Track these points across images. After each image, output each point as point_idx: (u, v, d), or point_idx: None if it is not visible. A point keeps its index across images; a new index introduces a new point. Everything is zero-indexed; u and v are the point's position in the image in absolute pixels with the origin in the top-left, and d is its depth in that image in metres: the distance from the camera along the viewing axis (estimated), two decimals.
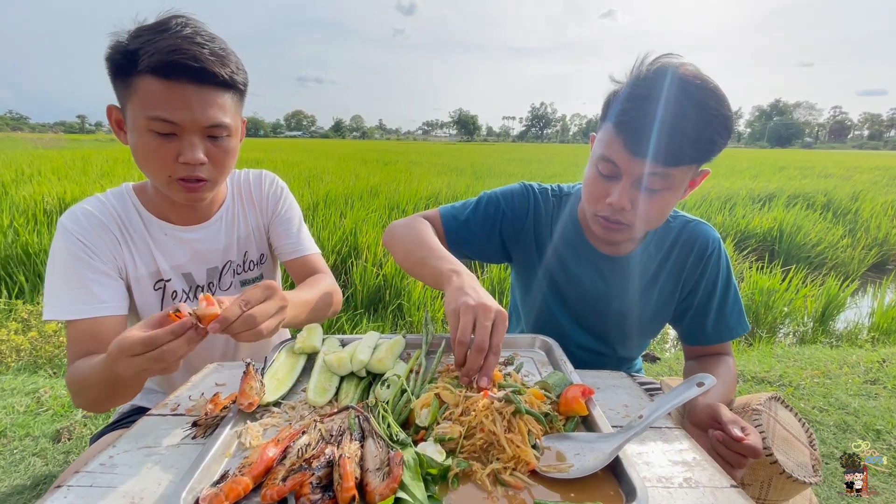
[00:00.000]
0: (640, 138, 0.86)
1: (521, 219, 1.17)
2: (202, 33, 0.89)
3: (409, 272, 1.06)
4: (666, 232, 1.11)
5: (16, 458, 1.55)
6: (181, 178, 0.93)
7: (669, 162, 0.87)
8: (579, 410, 0.75)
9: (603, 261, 1.12)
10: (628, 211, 0.93)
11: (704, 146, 0.87)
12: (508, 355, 0.99)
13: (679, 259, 1.11)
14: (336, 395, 0.82)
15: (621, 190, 0.92)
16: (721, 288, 1.10)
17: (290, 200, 1.26)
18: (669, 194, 0.93)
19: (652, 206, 0.93)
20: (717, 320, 1.11)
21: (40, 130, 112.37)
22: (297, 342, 0.93)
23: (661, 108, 0.84)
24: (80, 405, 0.90)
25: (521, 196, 1.18)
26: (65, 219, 0.98)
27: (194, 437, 0.72)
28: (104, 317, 0.93)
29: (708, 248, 1.09)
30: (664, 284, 1.12)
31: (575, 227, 1.14)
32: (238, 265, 1.18)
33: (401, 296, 3.79)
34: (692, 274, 1.10)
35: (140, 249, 1.04)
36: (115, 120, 0.96)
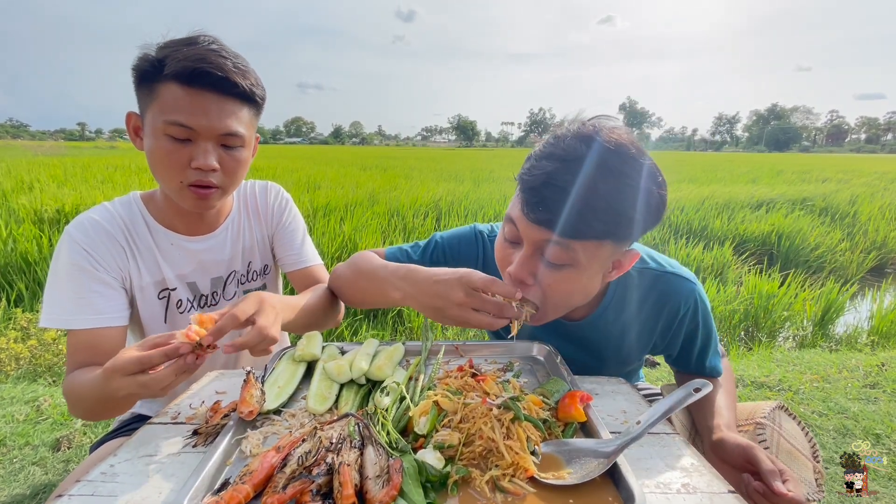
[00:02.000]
0: (542, 201, 0.74)
1: (469, 266, 1.01)
2: (227, 49, 0.94)
3: (362, 306, 1.04)
4: (628, 289, 0.98)
5: (15, 468, 1.54)
6: (192, 184, 0.94)
7: (569, 233, 0.74)
8: (578, 417, 0.75)
9: (558, 324, 1.00)
10: (532, 287, 0.81)
11: (615, 220, 0.74)
12: (507, 362, 1.00)
13: (649, 318, 1.00)
14: (336, 402, 0.83)
15: (520, 259, 0.80)
16: (701, 340, 1.02)
17: (294, 212, 1.28)
18: (574, 273, 0.78)
19: (555, 284, 0.80)
20: (699, 362, 1.05)
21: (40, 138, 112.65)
22: (298, 350, 0.93)
23: (569, 172, 0.72)
24: (77, 415, 0.91)
25: (469, 242, 1.08)
26: (71, 227, 0.99)
27: (195, 446, 0.72)
28: (103, 328, 0.94)
29: (681, 307, 0.97)
30: (632, 345, 1.04)
31: None
32: (242, 275, 1.19)
33: None
34: (665, 333, 1.02)
35: (145, 258, 1.05)
36: (133, 126, 0.98)
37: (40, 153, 19.06)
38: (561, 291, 0.81)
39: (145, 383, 0.68)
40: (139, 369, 0.67)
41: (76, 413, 0.91)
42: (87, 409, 0.88)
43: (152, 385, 0.68)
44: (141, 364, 0.67)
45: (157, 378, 0.68)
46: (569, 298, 0.84)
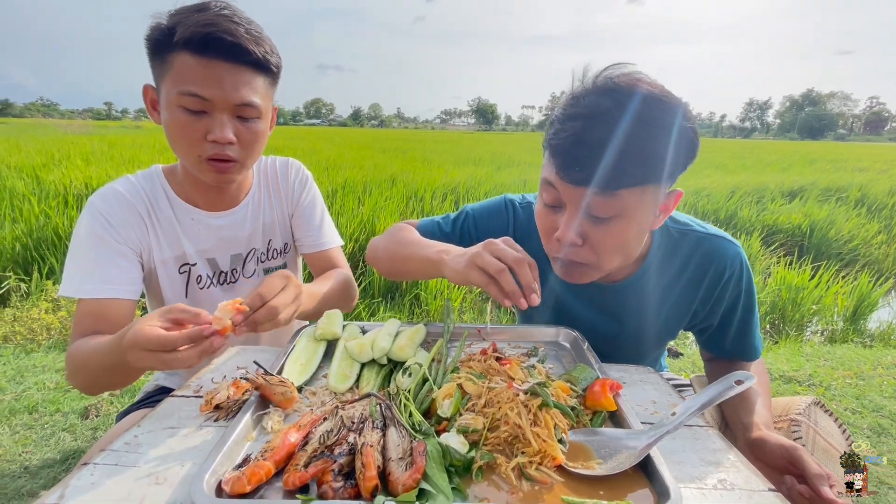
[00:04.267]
0: (576, 161, 0.74)
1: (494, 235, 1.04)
2: (239, 14, 0.90)
3: (399, 275, 1.02)
4: (672, 249, 0.96)
5: (46, 433, 1.61)
6: (210, 157, 0.93)
7: (610, 185, 0.73)
8: (607, 405, 0.72)
9: (594, 289, 0.98)
10: (581, 248, 0.81)
11: (652, 162, 0.74)
12: (531, 347, 0.97)
13: (692, 282, 0.96)
14: (357, 381, 0.81)
15: (566, 221, 0.79)
16: (742, 311, 0.98)
17: (313, 191, 1.25)
18: (623, 223, 0.78)
19: (607, 238, 0.79)
20: (736, 341, 1.01)
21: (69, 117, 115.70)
22: (318, 328, 0.92)
23: (598, 126, 0.72)
24: (75, 384, 0.90)
25: (499, 213, 1.07)
26: (94, 197, 0.99)
27: (216, 420, 0.72)
28: (112, 298, 0.93)
29: (726, 270, 0.94)
30: (672, 311, 1.00)
31: None
32: (262, 253, 1.18)
33: (418, 285, 3.79)
34: (707, 298, 0.97)
35: (166, 232, 1.05)
36: (150, 100, 0.97)
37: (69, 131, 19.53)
38: (613, 245, 0.81)
39: (167, 362, 0.67)
40: (161, 349, 0.66)
41: (75, 381, 0.89)
42: (88, 379, 0.87)
43: (175, 365, 0.67)
44: (164, 345, 0.66)
45: (180, 359, 0.67)
46: (622, 249, 0.83)
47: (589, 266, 0.84)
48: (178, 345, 0.66)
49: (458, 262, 0.79)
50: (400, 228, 1.06)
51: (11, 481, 1.34)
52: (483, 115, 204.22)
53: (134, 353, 0.67)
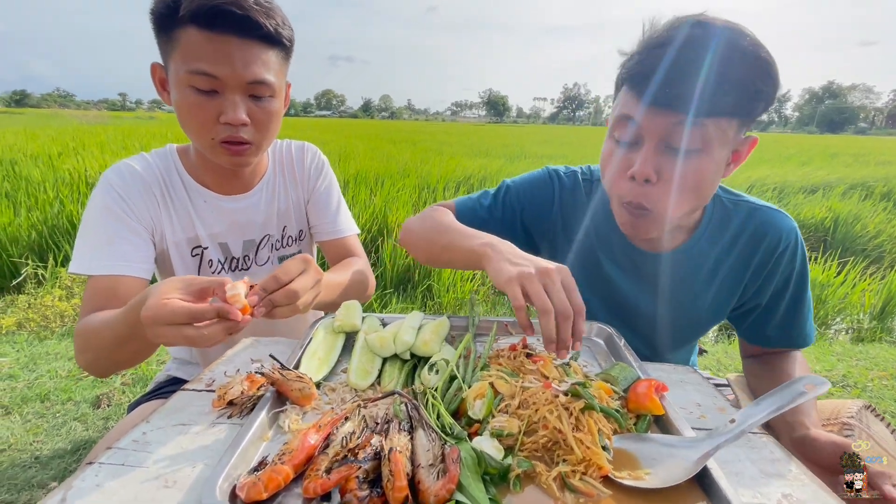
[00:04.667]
0: (665, 85, 0.71)
1: (545, 210, 1.02)
2: None
3: (437, 262, 0.95)
4: (724, 220, 0.93)
5: (58, 422, 1.59)
6: (224, 140, 0.87)
7: (700, 112, 0.70)
8: (653, 409, 0.66)
9: (643, 259, 0.95)
10: (654, 187, 0.77)
11: (744, 93, 0.71)
12: None
13: (743, 254, 0.92)
14: (378, 377, 0.76)
15: (645, 154, 0.75)
16: (794, 288, 0.93)
17: (329, 177, 1.20)
18: (706, 159, 0.74)
19: (684, 174, 0.75)
20: (785, 325, 0.94)
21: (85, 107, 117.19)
22: (336, 320, 0.86)
23: (689, 50, 0.70)
24: (83, 364, 0.84)
25: (543, 184, 1.03)
26: (109, 172, 0.95)
27: (230, 417, 0.67)
28: (124, 276, 0.89)
29: (780, 242, 0.90)
30: (722, 285, 0.94)
31: (607, 217, 0.95)
32: (276, 240, 1.13)
33: (430, 276, 3.73)
34: (759, 272, 0.92)
35: (179, 213, 1.00)
36: (159, 79, 0.92)
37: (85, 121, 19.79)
38: (688, 183, 0.77)
39: (192, 338, 0.60)
40: (188, 321, 0.60)
41: (83, 360, 0.83)
42: (97, 354, 0.80)
43: (200, 341, 0.61)
44: (192, 317, 0.60)
45: (206, 335, 0.61)
46: (696, 190, 0.79)
47: (655, 214, 0.80)
48: (207, 318, 0.61)
49: (504, 266, 0.70)
50: (436, 210, 0.99)
51: (22, 471, 1.33)
52: (494, 106, 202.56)
53: (155, 328, 0.61)
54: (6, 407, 1.64)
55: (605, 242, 0.98)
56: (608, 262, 0.98)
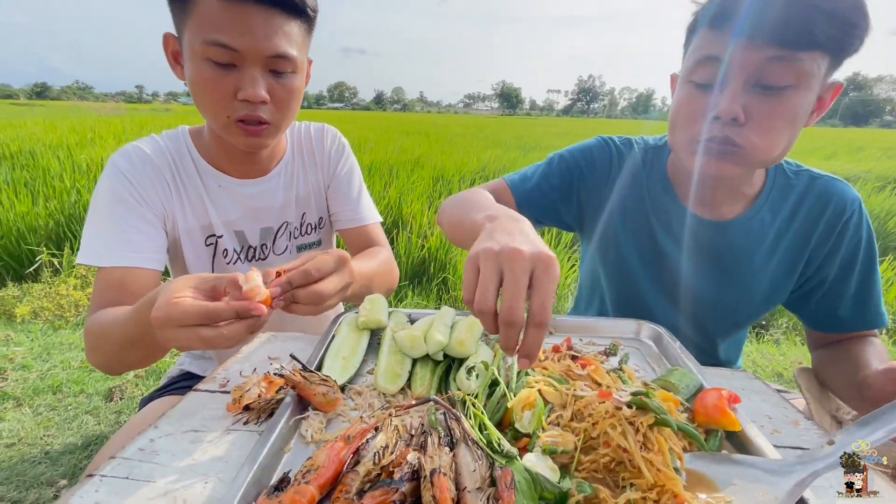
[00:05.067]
0: (754, 16, 0.67)
1: (601, 177, 0.98)
2: None
3: (456, 241, 0.84)
4: (785, 189, 0.89)
5: (70, 415, 1.56)
6: (241, 119, 0.80)
7: (799, 43, 0.66)
8: (728, 424, 0.57)
9: (701, 228, 0.89)
10: (742, 127, 0.72)
11: (839, 26, 0.66)
12: (608, 343, 0.82)
13: (804, 226, 0.87)
14: (408, 380, 0.68)
15: (732, 92, 0.70)
16: (863, 262, 0.87)
17: (351, 161, 1.12)
18: (797, 96, 0.70)
19: (775, 112, 0.70)
20: (857, 303, 0.87)
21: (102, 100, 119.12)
22: (360, 315, 0.79)
23: None
24: (94, 363, 0.78)
25: (600, 150, 0.99)
26: (116, 156, 0.89)
27: (246, 423, 0.60)
28: (137, 268, 0.82)
29: (845, 210, 0.85)
30: (782, 259, 0.89)
31: (664, 185, 0.93)
32: (295, 228, 1.06)
33: (445, 269, 3.66)
34: (822, 244, 0.87)
35: (192, 199, 0.94)
36: (172, 51, 0.85)
37: (103, 113, 20.05)
38: (780, 122, 0.71)
39: (209, 340, 0.53)
40: (201, 322, 0.53)
41: (94, 359, 0.77)
42: (108, 354, 0.74)
43: (218, 343, 0.54)
44: (209, 317, 0.53)
45: (226, 335, 0.54)
46: (789, 127, 0.73)
47: (745, 150, 0.73)
48: (225, 318, 0.54)
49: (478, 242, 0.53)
50: (473, 190, 0.91)
51: (31, 467, 1.29)
52: (507, 99, 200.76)
53: (167, 330, 0.54)
54: (18, 399, 1.62)
55: (660, 211, 0.93)
56: (662, 232, 0.93)
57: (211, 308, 0.53)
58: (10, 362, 1.85)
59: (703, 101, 0.74)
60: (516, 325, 0.46)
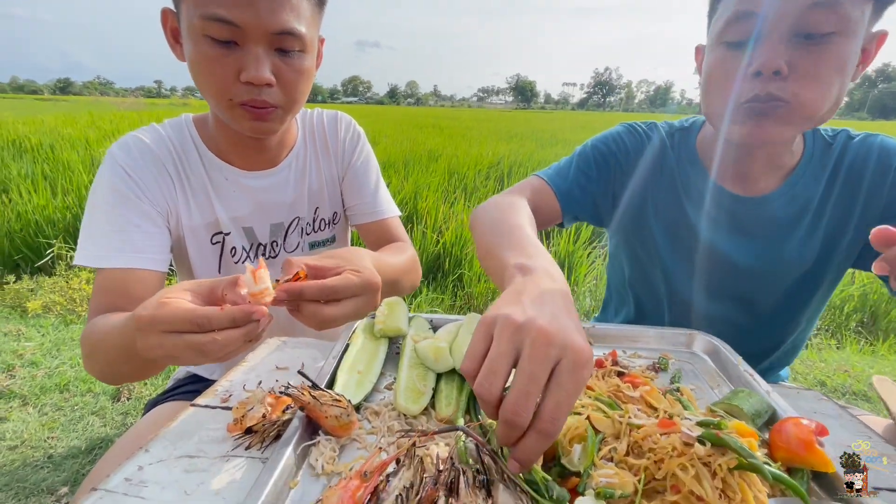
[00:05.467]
0: None
1: (633, 164, 0.93)
2: None
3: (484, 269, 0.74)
4: (824, 154, 0.83)
5: (76, 416, 1.52)
6: (244, 102, 0.72)
7: None
8: (818, 464, 0.48)
9: (736, 205, 0.84)
10: (786, 80, 0.66)
11: None
12: (657, 357, 0.72)
13: (849, 184, 0.81)
14: (432, 399, 0.60)
15: (772, 43, 0.65)
16: None
17: (367, 150, 1.04)
18: (843, 44, 0.64)
19: (822, 62, 0.65)
20: None
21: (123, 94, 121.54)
22: (378, 321, 0.71)
23: None
24: (91, 371, 0.71)
25: (630, 136, 0.94)
26: (115, 147, 0.81)
27: (248, 448, 0.53)
28: (139, 269, 0.75)
29: (890, 157, 0.79)
30: (830, 222, 0.82)
31: (695, 166, 0.88)
32: (307, 223, 0.98)
33: (461, 265, 3.57)
34: (875, 197, 0.79)
35: (197, 194, 0.86)
36: (171, 29, 0.78)
37: (122, 108, 20.39)
38: (826, 71, 0.66)
39: (200, 347, 0.45)
40: (190, 329, 0.46)
41: (90, 367, 0.70)
42: (105, 364, 0.67)
43: (211, 352, 0.46)
44: (197, 324, 0.45)
45: (220, 342, 0.46)
46: (838, 76, 0.67)
47: (791, 106, 0.67)
48: (216, 325, 0.46)
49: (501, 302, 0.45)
50: (510, 203, 0.78)
51: (33, 472, 1.25)
52: (521, 92, 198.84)
53: (151, 335, 0.46)
54: (24, 397, 1.59)
55: (692, 194, 0.87)
56: (696, 215, 0.87)
57: (200, 313, 0.45)
58: (20, 358, 1.82)
59: (739, 59, 0.69)
60: (517, 427, 0.39)
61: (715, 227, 0.86)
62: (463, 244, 3.65)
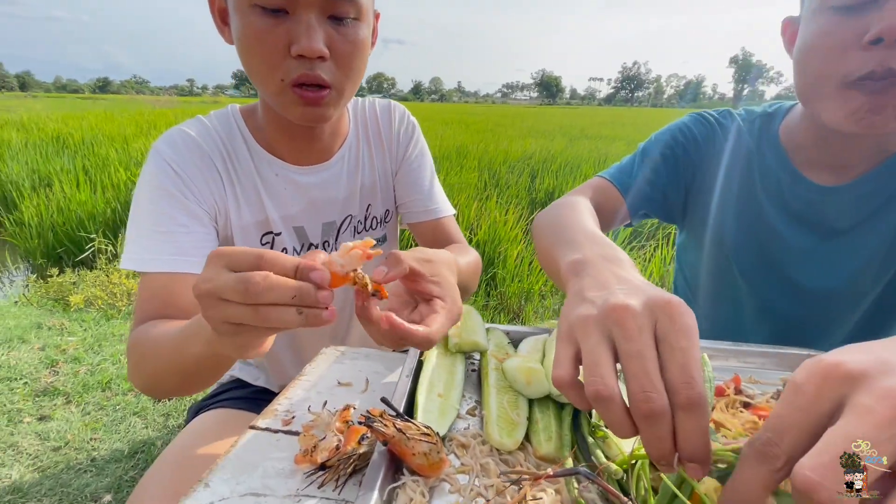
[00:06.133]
0: None
1: (705, 156, 0.86)
2: None
3: (544, 268, 0.68)
4: None
5: (118, 417, 1.51)
6: (297, 82, 0.65)
7: None
8: None
9: (825, 196, 0.75)
10: None
11: None
12: (783, 384, 0.61)
13: None
14: (527, 432, 0.51)
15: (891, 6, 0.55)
16: None
17: (422, 143, 0.96)
18: None
19: None
20: None
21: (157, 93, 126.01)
22: (452, 334, 0.62)
23: None
24: (137, 384, 0.64)
25: (700, 126, 0.87)
26: (160, 142, 0.75)
27: (321, 486, 0.45)
28: (185, 273, 0.69)
29: None
30: None
31: (778, 156, 0.80)
32: (359, 221, 0.91)
33: (494, 264, 3.48)
34: None
35: (247, 191, 0.80)
36: (218, 10, 0.71)
37: (157, 106, 21.11)
38: None
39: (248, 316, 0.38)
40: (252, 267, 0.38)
41: (137, 378, 0.64)
42: (152, 375, 0.61)
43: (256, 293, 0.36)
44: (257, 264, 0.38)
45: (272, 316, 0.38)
46: None
47: None
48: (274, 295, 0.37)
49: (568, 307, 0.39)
50: (568, 204, 0.71)
51: (76, 477, 1.23)
52: (546, 88, 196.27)
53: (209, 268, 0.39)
54: (68, 395, 1.58)
55: (771, 187, 0.80)
56: (775, 212, 0.80)
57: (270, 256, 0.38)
58: (63, 353, 1.83)
59: (852, 27, 0.58)
60: (662, 415, 0.30)
61: (797, 225, 0.78)
62: (497, 243, 3.56)
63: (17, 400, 1.53)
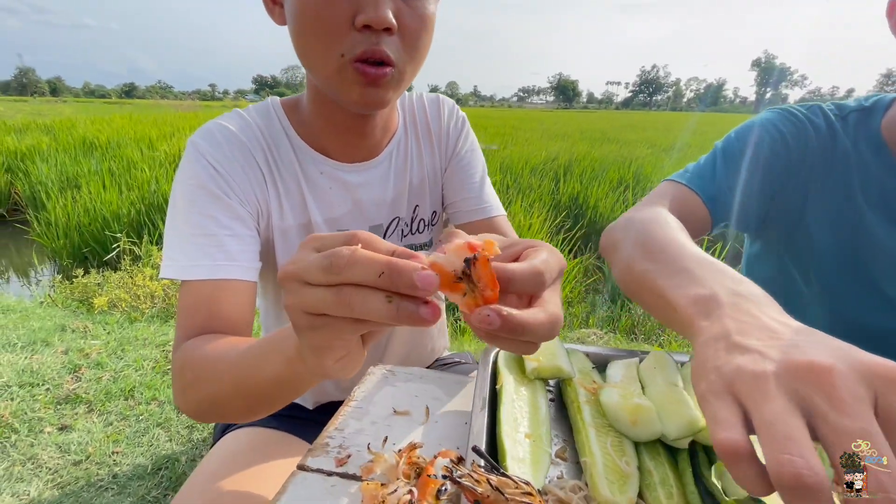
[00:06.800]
0: None
1: (795, 156, 0.74)
2: None
3: (636, 299, 0.56)
4: None
5: (140, 428, 1.45)
6: (359, 58, 0.57)
7: None
8: None
9: None
10: None
11: None
12: None
13: None
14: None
15: None
16: None
17: (472, 138, 0.88)
18: None
19: None
20: None
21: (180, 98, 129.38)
22: (530, 357, 0.53)
23: None
24: (187, 407, 0.56)
25: (787, 124, 0.75)
26: (196, 137, 0.67)
27: None
28: (230, 280, 0.61)
29: None
30: None
31: (880, 156, 0.70)
32: (405, 224, 0.82)
33: None
34: None
35: (290, 190, 0.72)
36: None
37: (181, 110, 21.60)
38: None
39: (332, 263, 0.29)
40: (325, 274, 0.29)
41: (186, 402, 0.55)
42: (210, 398, 0.52)
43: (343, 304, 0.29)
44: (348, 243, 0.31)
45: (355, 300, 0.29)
46: None
47: None
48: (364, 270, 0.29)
49: (712, 355, 0.32)
50: (655, 219, 0.60)
51: (97, 494, 1.17)
52: (563, 92, 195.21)
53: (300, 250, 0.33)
54: (90, 403, 1.53)
55: (872, 189, 0.71)
56: (876, 217, 0.71)
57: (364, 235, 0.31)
58: (86, 358, 1.79)
59: None
60: None
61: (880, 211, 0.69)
62: None
63: (38, 408, 1.49)
